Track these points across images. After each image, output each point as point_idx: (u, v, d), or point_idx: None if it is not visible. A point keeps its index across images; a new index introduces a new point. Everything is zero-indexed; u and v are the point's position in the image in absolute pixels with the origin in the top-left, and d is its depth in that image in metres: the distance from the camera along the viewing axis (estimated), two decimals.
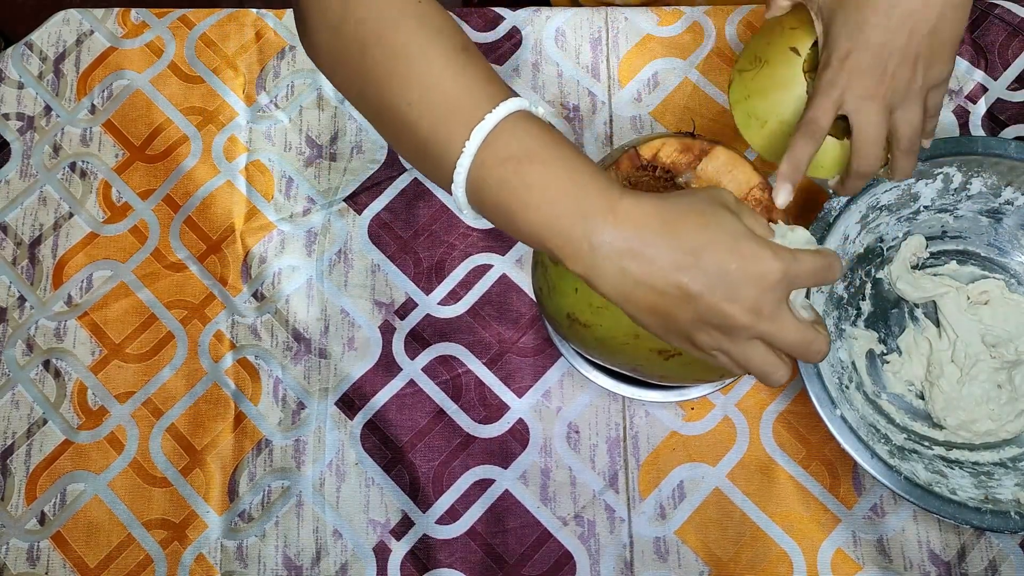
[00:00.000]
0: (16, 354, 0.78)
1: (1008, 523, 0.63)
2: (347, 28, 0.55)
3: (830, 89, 0.57)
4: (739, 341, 0.49)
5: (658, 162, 0.61)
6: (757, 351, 0.49)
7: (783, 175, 0.58)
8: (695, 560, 0.72)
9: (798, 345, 0.49)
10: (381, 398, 0.76)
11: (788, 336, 0.48)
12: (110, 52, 0.86)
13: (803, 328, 0.49)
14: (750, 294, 0.47)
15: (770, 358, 0.49)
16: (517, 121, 0.50)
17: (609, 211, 0.48)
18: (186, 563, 0.73)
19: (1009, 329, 0.74)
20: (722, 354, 0.50)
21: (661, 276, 0.47)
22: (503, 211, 0.50)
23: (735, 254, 0.47)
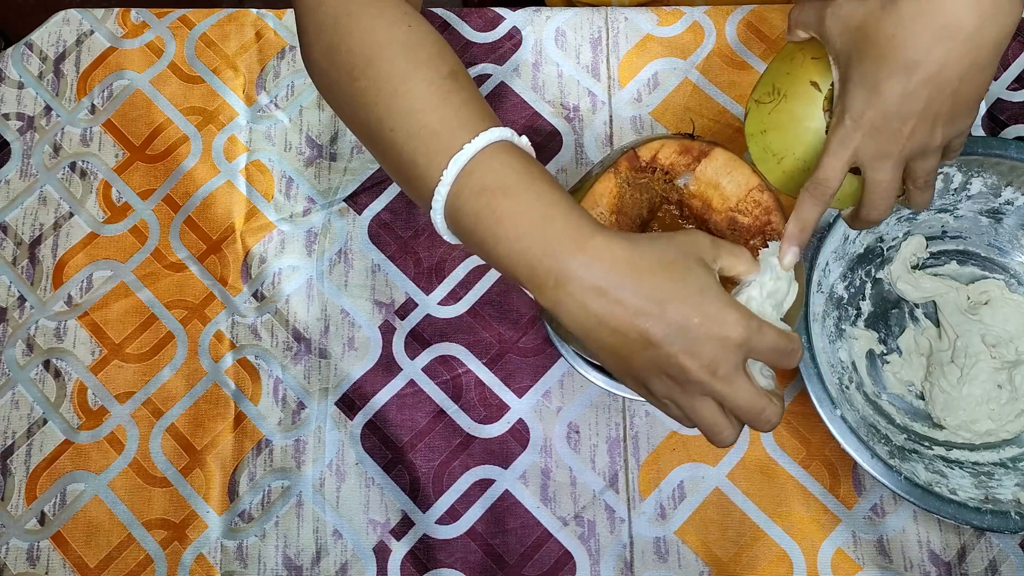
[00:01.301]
0: (16, 354, 0.78)
1: (1008, 523, 0.63)
2: (340, 51, 0.56)
3: (841, 149, 0.55)
4: (691, 395, 0.49)
5: (657, 163, 0.61)
6: (708, 409, 0.49)
7: (790, 236, 0.56)
8: (695, 560, 0.72)
9: (749, 411, 0.49)
10: (381, 398, 0.76)
11: (740, 400, 0.49)
12: (110, 52, 0.86)
13: (756, 395, 0.49)
14: (708, 352, 0.47)
15: (719, 418, 0.50)
16: (495, 152, 0.51)
17: (578, 249, 0.48)
18: (186, 563, 0.73)
19: (1009, 329, 0.74)
20: (673, 404, 0.50)
21: (624, 319, 0.47)
22: (477, 241, 0.51)
23: (699, 311, 0.47)
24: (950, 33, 0.51)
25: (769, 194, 0.60)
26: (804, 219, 0.56)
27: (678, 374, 0.48)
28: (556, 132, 0.82)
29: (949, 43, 0.51)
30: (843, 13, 0.54)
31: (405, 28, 0.55)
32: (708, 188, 0.60)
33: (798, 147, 0.59)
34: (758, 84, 0.62)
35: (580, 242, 0.48)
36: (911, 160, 0.56)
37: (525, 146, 0.54)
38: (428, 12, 0.86)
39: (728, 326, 0.47)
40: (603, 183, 0.60)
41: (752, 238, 0.59)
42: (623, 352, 0.49)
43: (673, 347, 0.47)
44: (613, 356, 0.49)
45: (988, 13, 0.50)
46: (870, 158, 0.55)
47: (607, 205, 0.60)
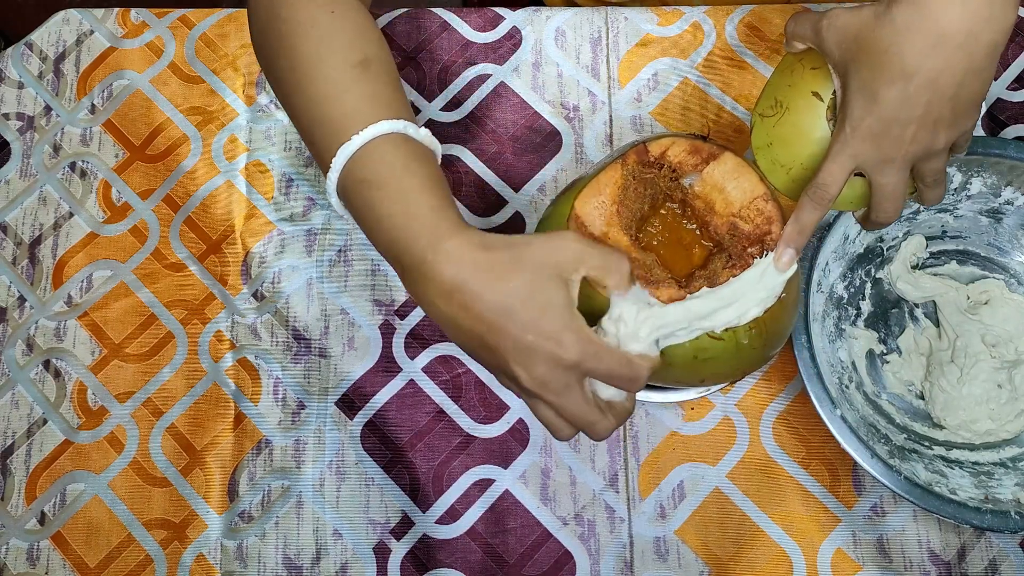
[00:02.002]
0: (16, 354, 0.78)
1: (1008, 523, 0.63)
2: (270, 32, 0.59)
3: (841, 155, 0.55)
4: (529, 396, 0.51)
5: (665, 160, 0.61)
6: (544, 410, 0.52)
7: (788, 239, 0.57)
8: (695, 560, 0.72)
9: (578, 422, 0.51)
10: (381, 398, 0.76)
11: (568, 412, 0.51)
12: (110, 52, 0.86)
13: (587, 410, 0.51)
14: (540, 369, 0.49)
15: (558, 421, 0.52)
16: (381, 144, 0.54)
17: (431, 250, 0.50)
18: (186, 563, 0.73)
19: (1009, 329, 0.74)
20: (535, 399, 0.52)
21: (467, 324, 0.50)
22: (361, 227, 0.55)
23: (537, 328, 0.49)
24: (944, 40, 0.51)
25: (773, 204, 0.60)
26: (803, 223, 0.57)
27: (512, 384, 0.51)
28: (556, 132, 0.82)
29: (944, 50, 0.52)
30: (839, 24, 0.55)
31: (328, 13, 0.57)
32: (713, 191, 0.60)
33: (805, 157, 0.60)
34: (761, 98, 0.63)
35: (435, 244, 0.51)
36: (917, 162, 0.56)
37: (424, 138, 0.56)
38: (428, 12, 0.86)
39: (562, 347, 0.49)
40: (609, 172, 0.60)
41: (750, 245, 0.59)
42: (472, 347, 0.51)
43: (508, 356, 0.49)
44: (467, 349, 0.52)
45: (981, 19, 0.51)
46: (873, 163, 0.56)
47: (610, 195, 0.60)
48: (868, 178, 0.57)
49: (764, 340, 0.58)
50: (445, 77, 0.84)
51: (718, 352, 0.57)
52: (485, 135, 0.82)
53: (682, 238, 0.63)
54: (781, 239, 0.57)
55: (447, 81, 0.84)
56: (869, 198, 0.59)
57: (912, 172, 0.57)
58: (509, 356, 0.49)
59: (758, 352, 0.59)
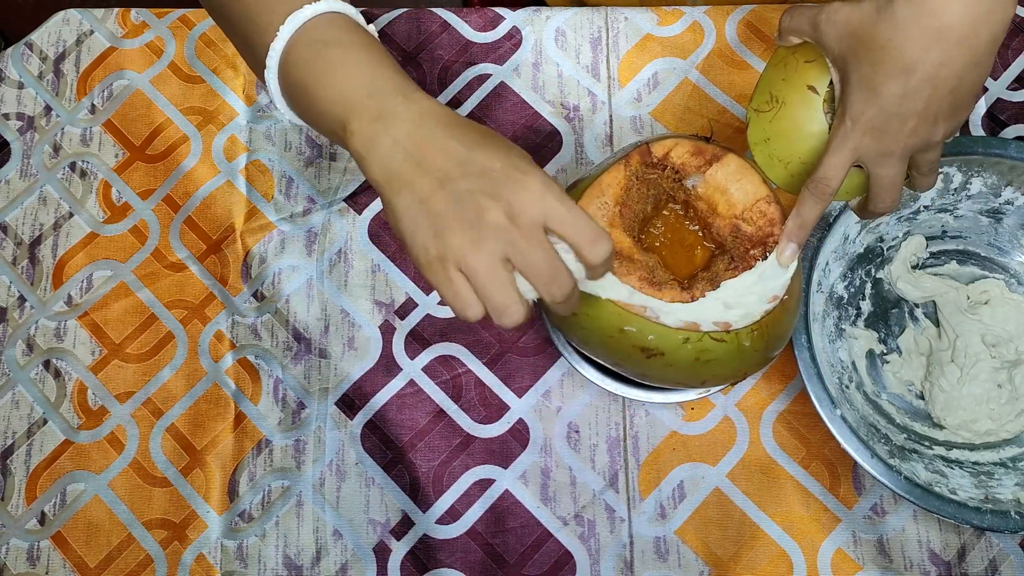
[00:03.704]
0: (16, 354, 0.78)
1: (1008, 523, 0.63)
2: None
3: (841, 148, 0.56)
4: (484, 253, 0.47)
5: (668, 161, 0.61)
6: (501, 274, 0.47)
7: (790, 234, 0.57)
8: (695, 560, 0.72)
9: (541, 271, 0.48)
10: (381, 398, 0.76)
11: (535, 256, 0.47)
12: (110, 52, 0.86)
13: (553, 257, 0.48)
14: (507, 196, 0.47)
15: (512, 291, 0.48)
16: (335, 18, 0.53)
17: (403, 95, 0.50)
18: (186, 563, 0.73)
19: (1009, 329, 0.74)
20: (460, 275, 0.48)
21: (430, 155, 0.48)
22: (302, 89, 0.52)
23: (506, 159, 0.48)
24: (945, 35, 0.51)
25: (776, 206, 0.60)
26: (804, 217, 0.57)
27: (475, 218, 0.47)
28: (556, 132, 0.82)
29: (945, 44, 0.52)
30: (838, 19, 0.55)
31: None
32: (716, 193, 0.60)
33: (803, 151, 0.60)
34: (755, 93, 0.62)
35: (407, 92, 0.50)
36: (915, 154, 0.57)
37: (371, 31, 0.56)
38: (428, 12, 0.86)
39: (531, 176, 0.47)
40: (612, 173, 0.60)
41: (753, 248, 0.59)
42: (424, 192, 0.48)
43: (472, 184, 0.47)
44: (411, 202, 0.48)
45: (981, 12, 0.51)
46: (872, 156, 0.56)
47: (612, 196, 0.60)
48: (867, 170, 0.57)
49: (766, 341, 0.58)
50: (445, 77, 0.84)
51: (720, 354, 0.57)
52: None
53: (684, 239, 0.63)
54: (783, 234, 0.57)
55: (447, 81, 0.84)
56: (866, 189, 0.59)
57: (908, 163, 0.58)
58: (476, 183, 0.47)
59: (760, 353, 0.59)
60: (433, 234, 0.48)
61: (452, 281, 0.48)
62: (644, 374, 0.61)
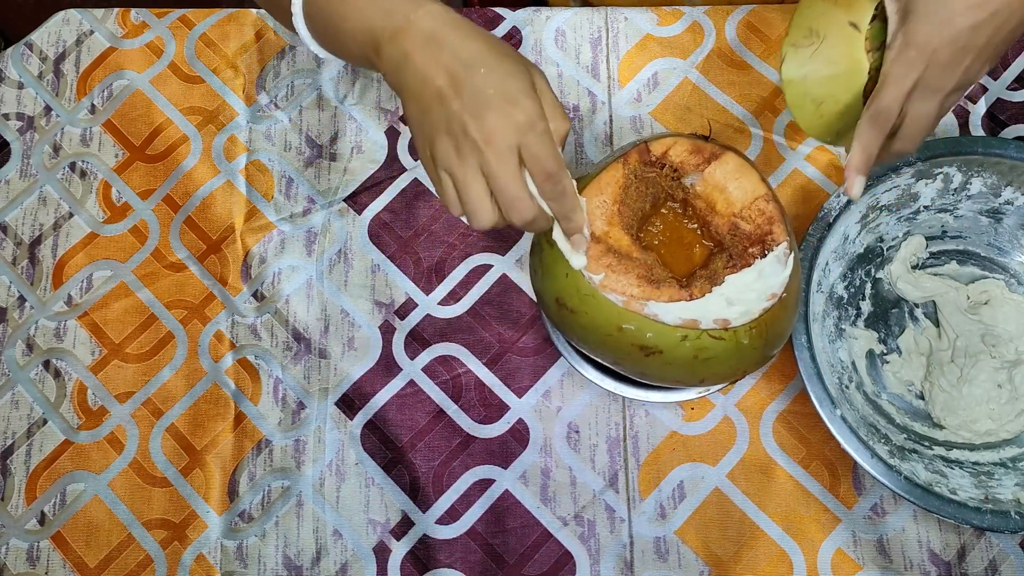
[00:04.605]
0: (16, 354, 0.78)
1: (1008, 523, 0.63)
2: None
3: (905, 79, 0.55)
4: (467, 163, 0.53)
5: (667, 160, 0.61)
6: (477, 185, 0.53)
7: (857, 166, 0.58)
8: (695, 560, 0.72)
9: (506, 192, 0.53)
10: (381, 398, 0.76)
11: (504, 179, 0.52)
12: (110, 52, 0.86)
13: (520, 184, 0.53)
14: (491, 120, 0.51)
15: (485, 200, 0.53)
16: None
17: (413, 9, 0.54)
18: (186, 563, 0.73)
19: (1009, 329, 0.74)
20: (448, 177, 0.54)
21: (432, 69, 0.53)
22: (330, 26, 0.58)
23: (500, 86, 0.52)
24: None
25: (774, 205, 0.60)
26: (869, 149, 0.58)
27: (459, 134, 0.52)
28: None
29: None
30: None
31: None
32: (714, 191, 0.60)
33: (840, 91, 0.59)
34: (791, 28, 0.61)
35: (417, 5, 0.54)
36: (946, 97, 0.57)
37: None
38: None
39: (518, 108, 0.52)
40: (610, 172, 0.60)
41: (752, 246, 0.59)
42: (424, 104, 0.53)
43: (462, 104, 0.52)
44: (417, 109, 0.54)
45: None
46: (925, 90, 0.56)
47: (611, 194, 0.60)
48: (910, 106, 0.57)
49: (764, 340, 0.58)
50: None
51: (718, 352, 0.57)
52: None
53: (683, 238, 0.63)
54: (849, 168, 0.58)
55: None
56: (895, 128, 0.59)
57: None
58: (464, 103, 0.52)
59: (758, 352, 0.59)
60: (428, 140, 0.54)
61: (441, 181, 0.55)
62: (643, 372, 0.61)
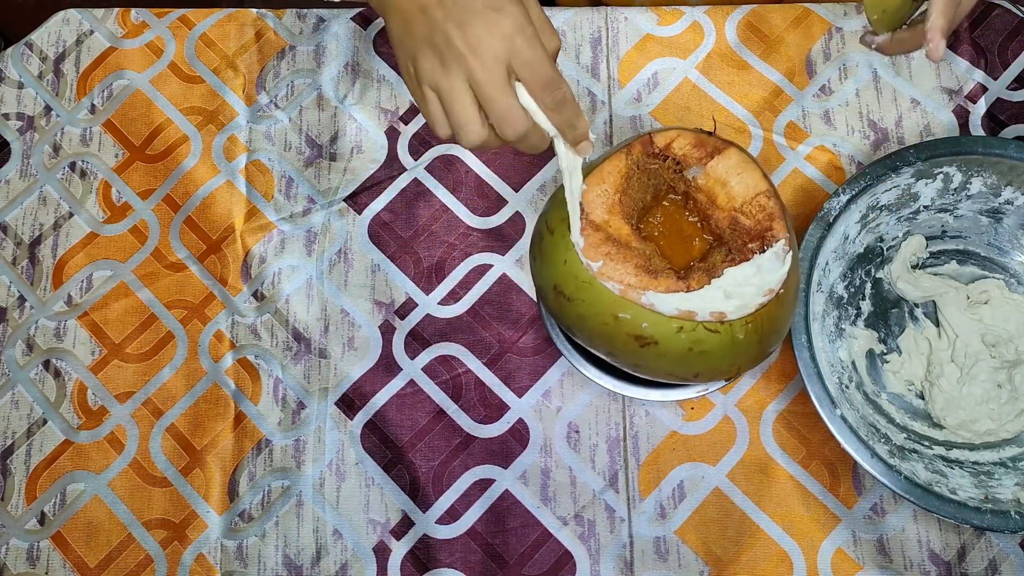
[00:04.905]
0: (16, 354, 0.78)
1: (1008, 523, 0.63)
2: None
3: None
4: (452, 76, 0.51)
5: (670, 152, 0.61)
6: (464, 97, 0.51)
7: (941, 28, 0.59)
8: (695, 560, 0.72)
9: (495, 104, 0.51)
10: (381, 398, 0.76)
11: (491, 90, 0.51)
12: (110, 52, 0.86)
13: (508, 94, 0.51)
14: (476, 29, 0.50)
15: (472, 112, 0.52)
16: None
17: None
18: (186, 563, 0.73)
19: (1009, 329, 0.74)
20: (433, 93, 0.52)
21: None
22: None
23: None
24: None
25: (775, 201, 0.60)
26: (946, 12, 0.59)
27: (443, 45, 0.51)
28: None
29: None
30: None
31: None
32: (716, 185, 0.61)
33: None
34: None
35: None
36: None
37: None
38: None
39: (503, 14, 0.50)
40: (613, 161, 0.60)
41: (751, 241, 0.59)
42: (407, 17, 0.52)
43: (445, 12, 0.50)
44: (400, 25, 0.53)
45: None
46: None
47: (613, 184, 0.60)
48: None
49: (760, 336, 0.58)
50: None
51: (713, 345, 0.57)
52: None
53: (683, 230, 0.63)
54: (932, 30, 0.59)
55: None
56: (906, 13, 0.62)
57: None
58: (448, 14, 0.50)
59: (754, 347, 0.59)
60: (411, 56, 0.53)
61: (426, 99, 0.53)
62: (637, 364, 0.61)
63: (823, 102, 0.82)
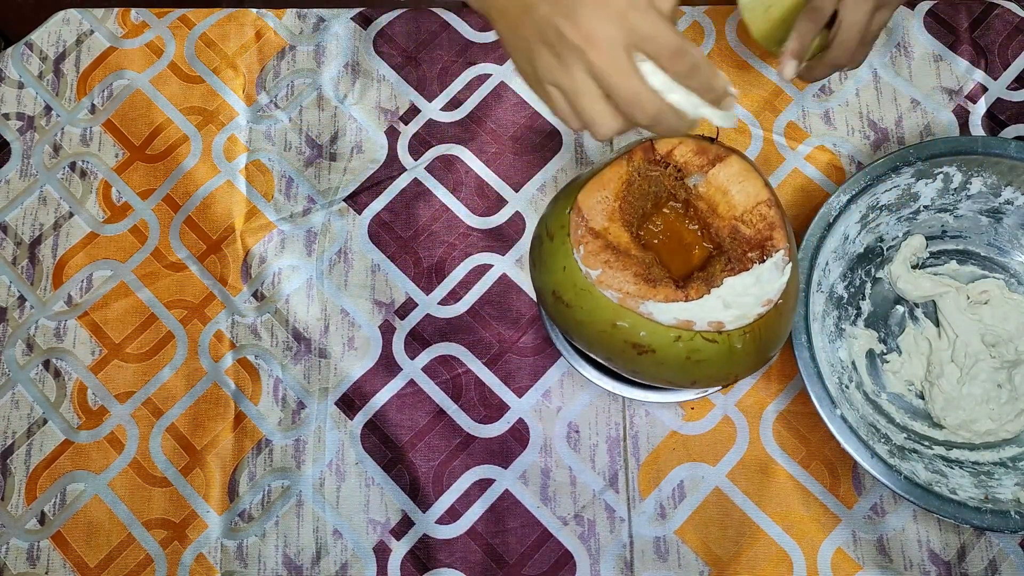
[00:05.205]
0: (16, 354, 0.78)
1: (1008, 523, 0.63)
2: None
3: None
4: (572, 71, 0.48)
5: (671, 159, 0.61)
6: (589, 90, 0.48)
7: (793, 52, 0.66)
8: (695, 560, 0.72)
9: (625, 94, 0.48)
10: (381, 398, 0.76)
11: (617, 78, 0.48)
12: (110, 52, 0.86)
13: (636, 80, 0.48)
14: (586, 16, 0.47)
15: (600, 104, 0.49)
16: None
17: None
18: (186, 563, 0.73)
19: (1009, 329, 0.74)
20: (557, 92, 0.50)
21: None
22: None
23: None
24: None
25: (776, 210, 0.60)
26: (804, 38, 0.66)
27: (556, 41, 0.48)
28: (556, 132, 0.82)
29: None
30: None
31: None
32: (717, 193, 0.60)
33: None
34: None
35: None
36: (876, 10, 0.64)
37: None
38: (428, 12, 0.86)
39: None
40: (614, 168, 0.60)
41: (751, 250, 0.59)
42: (512, 19, 0.49)
43: (551, 7, 0.47)
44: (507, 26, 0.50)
45: None
46: None
47: (613, 190, 0.60)
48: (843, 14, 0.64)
49: (758, 345, 0.58)
50: (445, 77, 0.84)
51: (711, 354, 0.57)
52: (485, 135, 0.82)
53: (683, 238, 0.63)
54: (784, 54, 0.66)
55: (447, 81, 0.84)
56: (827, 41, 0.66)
57: None
58: (556, 10, 0.47)
59: (751, 357, 0.59)
60: (526, 57, 0.50)
61: (551, 97, 0.50)
62: (635, 370, 0.61)
63: (823, 102, 0.82)
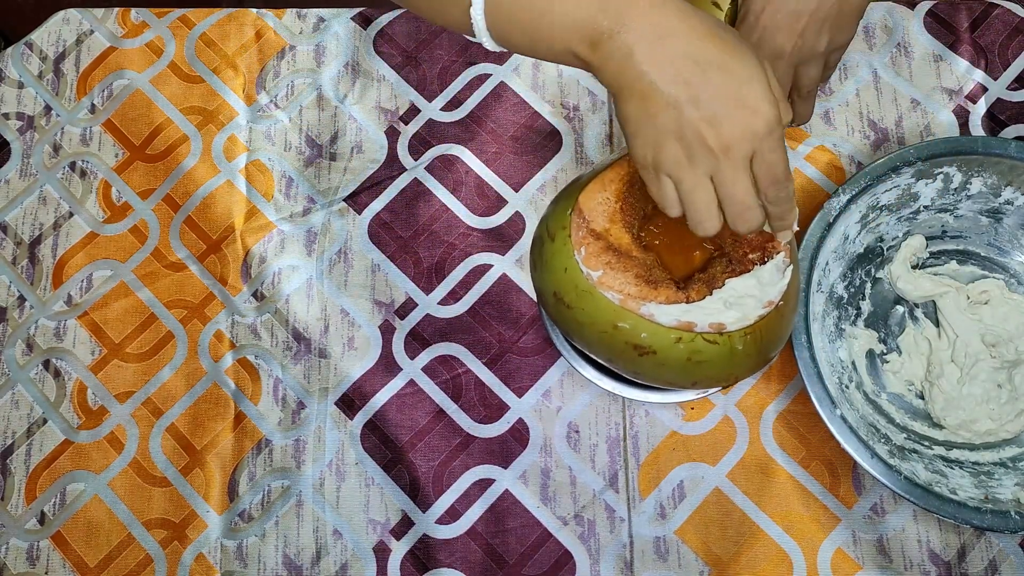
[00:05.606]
0: (16, 354, 0.78)
1: (1008, 523, 0.63)
2: None
3: None
4: (697, 171, 0.50)
5: None
6: (706, 192, 0.51)
7: None
8: (695, 560, 0.72)
9: (739, 203, 0.51)
10: (381, 398, 0.76)
11: (737, 188, 0.50)
12: (110, 52, 0.86)
13: (752, 192, 0.51)
14: (729, 129, 0.49)
15: (713, 208, 0.51)
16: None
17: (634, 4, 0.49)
18: (186, 563, 0.73)
19: (1009, 329, 0.74)
20: (671, 183, 0.51)
21: (663, 73, 0.49)
22: (522, 24, 0.52)
23: (740, 90, 0.49)
24: None
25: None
26: None
27: (694, 142, 0.49)
28: (556, 132, 0.82)
29: None
30: None
31: None
32: None
33: None
34: None
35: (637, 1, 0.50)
36: (798, 66, 0.65)
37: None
38: None
39: (758, 116, 0.49)
40: (616, 169, 0.60)
41: (752, 252, 0.59)
42: (650, 109, 0.49)
43: (699, 112, 0.48)
44: (641, 111, 0.50)
45: None
46: (767, 56, 0.64)
47: (614, 191, 0.60)
48: None
49: (758, 346, 0.58)
50: (445, 77, 0.84)
51: (712, 355, 0.57)
52: (485, 135, 0.82)
53: (684, 239, 0.63)
54: None
55: (447, 81, 0.84)
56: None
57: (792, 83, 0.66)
58: (701, 111, 0.48)
59: (752, 358, 0.59)
60: (653, 144, 0.51)
61: (662, 185, 0.52)
62: (636, 371, 0.61)
63: (823, 102, 0.82)
